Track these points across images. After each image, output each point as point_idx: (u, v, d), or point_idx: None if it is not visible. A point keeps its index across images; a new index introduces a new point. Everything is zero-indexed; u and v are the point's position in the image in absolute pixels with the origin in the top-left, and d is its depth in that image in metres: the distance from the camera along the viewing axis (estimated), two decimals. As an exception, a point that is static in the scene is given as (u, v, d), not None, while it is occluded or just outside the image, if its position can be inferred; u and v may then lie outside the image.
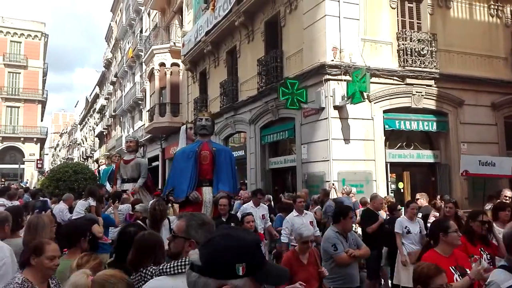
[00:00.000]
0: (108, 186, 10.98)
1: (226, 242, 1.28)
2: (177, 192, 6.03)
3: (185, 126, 7.58)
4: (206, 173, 6.11)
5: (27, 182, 34.14)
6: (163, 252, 2.85)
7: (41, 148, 46.24)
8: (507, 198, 7.43)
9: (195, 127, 6.46)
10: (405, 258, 6.17)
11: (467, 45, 11.96)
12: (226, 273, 1.24)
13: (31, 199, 11.50)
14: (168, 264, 2.20)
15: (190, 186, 5.94)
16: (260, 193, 8.15)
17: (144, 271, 2.61)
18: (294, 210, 7.21)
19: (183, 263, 2.15)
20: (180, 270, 2.13)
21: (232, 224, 5.72)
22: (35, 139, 41.71)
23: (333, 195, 9.58)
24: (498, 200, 7.51)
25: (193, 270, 1.27)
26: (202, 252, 1.28)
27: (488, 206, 7.56)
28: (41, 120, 44.89)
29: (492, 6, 12.56)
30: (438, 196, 8.35)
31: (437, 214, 7.49)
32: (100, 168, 13.13)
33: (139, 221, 6.76)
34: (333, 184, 9.91)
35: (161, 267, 2.23)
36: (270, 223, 7.94)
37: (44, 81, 44.95)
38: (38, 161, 39.79)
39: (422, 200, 8.16)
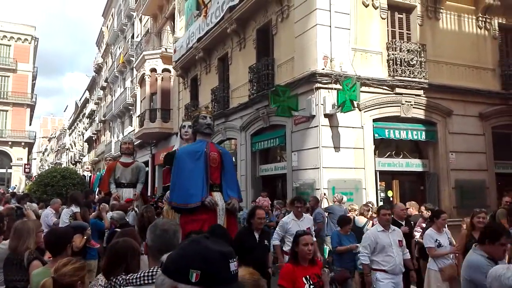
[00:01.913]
0: (97, 192, 10.59)
1: (189, 247, 1.29)
2: (184, 197, 5.23)
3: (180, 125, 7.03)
4: (216, 177, 5.45)
5: (15, 187, 33.66)
6: (137, 260, 2.73)
7: (29, 152, 45.69)
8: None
9: (197, 125, 5.68)
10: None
11: (455, 56, 12.14)
12: (180, 276, 1.24)
13: (18, 204, 11.34)
14: (135, 275, 2.15)
15: (204, 191, 5.23)
16: (298, 201, 6.61)
17: (114, 280, 2.52)
18: (378, 223, 5.76)
19: (149, 273, 2.11)
20: (146, 281, 2.09)
21: (266, 242, 5.13)
22: (23, 144, 41.24)
23: (324, 204, 9.60)
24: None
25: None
26: (170, 254, 1.31)
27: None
28: (30, 124, 44.42)
29: (480, 18, 12.77)
30: (423, 207, 8.32)
31: (424, 225, 7.53)
32: (84, 174, 12.65)
33: (117, 229, 6.68)
34: (324, 194, 9.92)
35: (127, 277, 2.19)
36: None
37: (33, 85, 44.54)
38: (26, 166, 39.34)
39: (411, 209, 8.19)
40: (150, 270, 2.16)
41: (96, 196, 10.27)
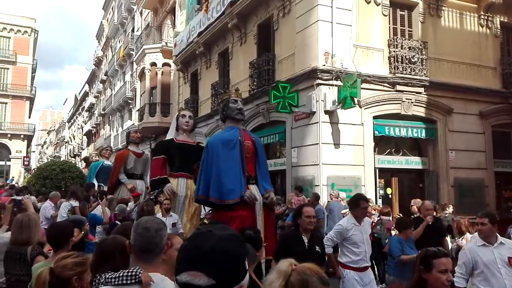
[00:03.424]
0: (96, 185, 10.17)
1: (230, 246, 1.19)
2: (220, 192, 4.68)
3: (178, 113, 6.41)
4: (251, 168, 4.90)
5: (12, 179, 33.63)
6: (126, 258, 2.56)
7: (28, 145, 45.64)
8: None
9: (227, 110, 5.03)
10: None
11: (457, 54, 12.11)
12: (242, 274, 1.18)
13: (17, 197, 11.32)
14: (115, 274, 2.11)
15: (242, 185, 4.68)
16: (365, 201, 5.08)
17: (98, 277, 2.47)
18: (477, 236, 4.36)
19: (129, 274, 2.07)
20: (125, 281, 2.05)
21: (317, 249, 4.21)
22: (22, 136, 41.16)
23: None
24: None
25: None
26: (207, 269, 1.14)
27: None
28: (29, 117, 44.32)
29: (482, 17, 12.73)
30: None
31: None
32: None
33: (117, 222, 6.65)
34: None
35: (107, 276, 2.15)
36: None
37: (32, 78, 44.40)
38: (25, 159, 39.28)
39: (415, 207, 8.16)
40: (130, 270, 2.10)
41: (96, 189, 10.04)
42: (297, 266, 1.72)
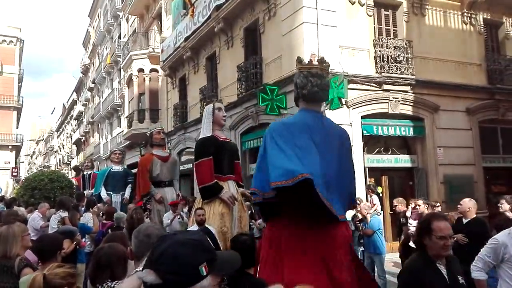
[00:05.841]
0: (103, 193, 9.38)
1: (182, 249, 1.26)
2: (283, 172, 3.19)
3: (211, 106, 5.46)
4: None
5: (0, 191, 33.20)
6: (123, 267, 2.64)
7: (17, 156, 45.19)
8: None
9: (308, 93, 3.61)
10: None
11: (442, 52, 12.22)
12: (192, 278, 1.23)
13: (5, 209, 11.19)
14: (114, 283, 2.13)
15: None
16: None
17: (99, 287, 2.49)
18: None
19: None
20: None
21: (461, 280, 2.84)
22: (10, 147, 40.74)
23: None
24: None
25: None
26: (158, 269, 1.23)
27: None
28: (17, 127, 43.90)
29: (466, 14, 12.88)
30: (421, 201, 8.34)
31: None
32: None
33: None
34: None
35: (112, 285, 2.16)
36: None
37: (19, 88, 44.01)
38: (14, 170, 38.84)
39: (400, 206, 8.23)
40: None
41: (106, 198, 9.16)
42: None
